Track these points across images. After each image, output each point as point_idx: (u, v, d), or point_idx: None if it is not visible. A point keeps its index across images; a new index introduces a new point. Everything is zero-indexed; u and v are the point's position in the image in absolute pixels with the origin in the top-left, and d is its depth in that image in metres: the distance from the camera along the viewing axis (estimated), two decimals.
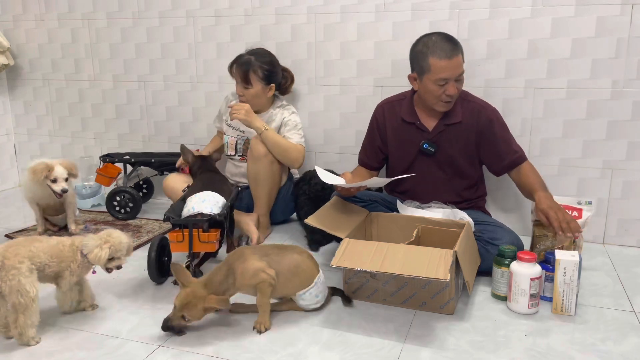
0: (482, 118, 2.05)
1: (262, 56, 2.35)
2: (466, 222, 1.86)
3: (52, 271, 1.58)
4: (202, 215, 1.80)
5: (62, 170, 2.21)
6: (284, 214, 2.51)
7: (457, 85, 1.96)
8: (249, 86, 2.32)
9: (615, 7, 2.10)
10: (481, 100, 2.10)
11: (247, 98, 2.34)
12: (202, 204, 1.83)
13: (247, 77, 2.31)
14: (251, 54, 2.34)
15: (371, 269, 1.60)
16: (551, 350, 1.48)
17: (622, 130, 2.20)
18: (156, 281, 1.90)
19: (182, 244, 1.78)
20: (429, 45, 1.95)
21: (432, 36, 1.97)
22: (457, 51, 1.93)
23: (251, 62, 2.31)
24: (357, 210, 2.05)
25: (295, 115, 2.40)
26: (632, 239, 2.28)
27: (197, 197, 1.88)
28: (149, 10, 2.78)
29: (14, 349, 1.50)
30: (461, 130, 2.06)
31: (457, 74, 1.94)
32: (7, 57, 3.06)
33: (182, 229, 1.78)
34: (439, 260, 1.58)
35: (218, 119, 2.61)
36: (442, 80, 1.93)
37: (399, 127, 2.14)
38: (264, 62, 2.33)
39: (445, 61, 1.91)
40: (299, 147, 2.32)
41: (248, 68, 2.30)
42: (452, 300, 1.67)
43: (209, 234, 1.79)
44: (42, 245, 1.56)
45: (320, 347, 1.50)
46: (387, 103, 2.21)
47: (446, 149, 2.08)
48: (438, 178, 2.12)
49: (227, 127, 2.51)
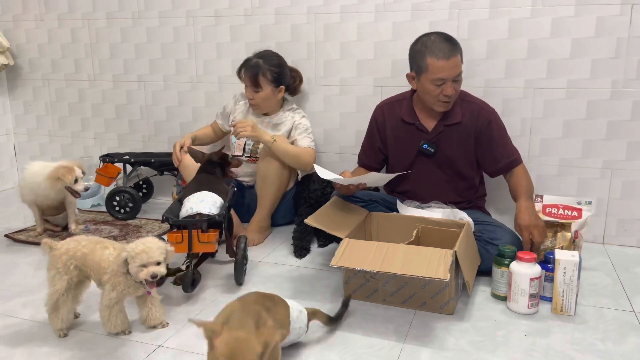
0: (480, 119, 2.05)
1: (271, 58, 2.35)
2: (466, 222, 1.86)
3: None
4: (200, 215, 1.79)
5: (79, 171, 2.30)
6: (285, 218, 2.51)
7: (454, 85, 1.96)
8: (259, 89, 2.32)
9: (615, 7, 2.10)
10: (481, 101, 2.10)
11: (257, 101, 2.35)
12: (200, 204, 1.82)
13: (256, 81, 2.30)
14: (259, 57, 2.33)
15: (371, 269, 1.60)
16: (551, 350, 1.48)
17: (622, 130, 2.20)
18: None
19: (182, 244, 1.76)
20: (428, 45, 1.95)
21: (432, 36, 1.97)
22: (455, 52, 1.93)
23: (260, 65, 2.31)
24: (357, 210, 2.05)
25: (305, 119, 2.42)
26: (631, 239, 2.28)
27: (194, 197, 1.86)
28: (149, 10, 2.78)
29: (14, 349, 1.50)
30: (460, 130, 2.06)
31: (454, 75, 1.94)
32: (7, 57, 3.06)
33: (181, 229, 1.76)
34: (439, 260, 1.58)
35: (222, 116, 2.58)
36: (440, 80, 1.93)
37: (399, 128, 2.14)
38: (272, 65, 2.33)
39: (442, 61, 1.91)
40: (309, 151, 2.34)
41: (257, 71, 2.30)
42: (452, 300, 1.67)
43: (208, 235, 1.77)
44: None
45: (320, 347, 1.50)
46: (387, 104, 2.21)
47: (446, 149, 2.08)
48: (438, 178, 2.12)
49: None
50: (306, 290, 1.87)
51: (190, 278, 1.79)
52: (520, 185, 2.00)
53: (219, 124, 2.60)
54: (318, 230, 2.21)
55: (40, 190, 2.27)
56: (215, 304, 1.77)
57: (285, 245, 2.28)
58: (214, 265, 2.08)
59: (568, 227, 1.92)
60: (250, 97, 2.36)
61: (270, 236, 2.41)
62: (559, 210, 1.96)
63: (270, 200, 2.35)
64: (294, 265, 2.09)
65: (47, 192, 2.27)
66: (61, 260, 1.53)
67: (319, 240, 2.29)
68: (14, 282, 1.94)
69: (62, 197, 2.34)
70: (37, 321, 1.66)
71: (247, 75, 2.32)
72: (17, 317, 1.69)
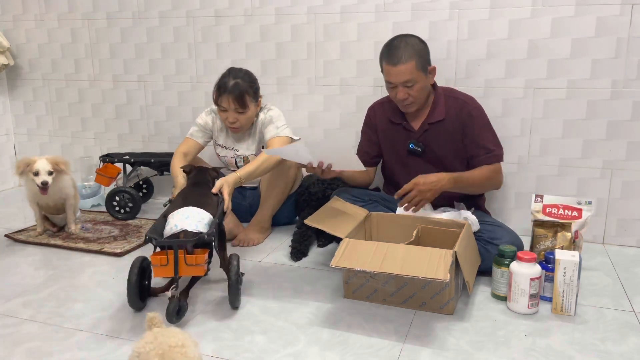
0: (463, 113, 2.04)
1: (247, 75, 2.25)
2: (466, 223, 1.86)
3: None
4: (185, 233, 1.61)
5: (45, 164, 2.21)
6: (287, 219, 2.51)
7: (408, 91, 1.96)
8: (245, 110, 2.22)
9: (615, 7, 2.10)
10: (466, 96, 2.09)
11: (241, 122, 2.25)
12: (185, 220, 1.65)
13: (243, 102, 2.20)
14: (234, 77, 2.20)
15: (371, 269, 1.60)
16: (551, 350, 1.48)
17: (622, 130, 2.20)
18: (135, 307, 1.68)
19: (167, 267, 1.57)
20: (385, 48, 2.00)
21: (395, 39, 1.99)
22: (403, 59, 1.91)
23: (240, 85, 2.18)
24: (357, 210, 2.05)
25: (270, 111, 2.31)
26: (631, 239, 2.28)
27: (179, 213, 1.69)
28: (149, 10, 2.78)
29: (14, 349, 1.50)
30: (446, 127, 2.05)
31: (401, 81, 1.94)
32: (7, 57, 3.06)
33: (167, 250, 1.58)
34: (439, 260, 1.58)
35: (202, 132, 2.39)
36: (389, 83, 1.99)
37: (388, 129, 2.16)
38: (251, 81, 2.24)
39: (389, 67, 1.95)
40: (273, 145, 2.20)
41: (243, 92, 2.19)
42: (452, 300, 1.67)
43: (196, 256, 1.58)
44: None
45: (320, 347, 1.50)
46: (378, 104, 2.22)
47: (433, 147, 2.08)
48: None
49: (221, 148, 2.44)
50: (306, 290, 1.87)
51: (176, 306, 1.58)
52: (471, 171, 2.00)
53: (200, 143, 2.39)
54: (319, 231, 2.21)
55: (32, 187, 2.26)
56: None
57: (285, 245, 2.28)
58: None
59: (568, 227, 1.92)
60: (234, 120, 2.23)
61: (270, 236, 2.41)
62: (559, 210, 1.96)
63: (274, 201, 2.35)
64: (294, 265, 2.09)
65: (31, 186, 2.25)
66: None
67: (319, 240, 2.29)
68: (14, 282, 1.94)
69: (60, 197, 2.34)
70: (37, 321, 1.66)
71: (231, 99, 2.18)
72: (17, 317, 1.68)
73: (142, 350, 1.11)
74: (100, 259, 2.16)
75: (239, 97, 2.18)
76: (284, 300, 1.79)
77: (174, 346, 1.11)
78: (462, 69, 2.33)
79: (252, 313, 1.69)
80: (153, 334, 1.14)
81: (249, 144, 2.40)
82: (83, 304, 1.77)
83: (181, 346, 1.11)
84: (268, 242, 2.35)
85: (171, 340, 1.12)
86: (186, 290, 1.73)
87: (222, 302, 1.76)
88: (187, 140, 2.38)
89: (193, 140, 2.38)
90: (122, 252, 2.19)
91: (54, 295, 1.83)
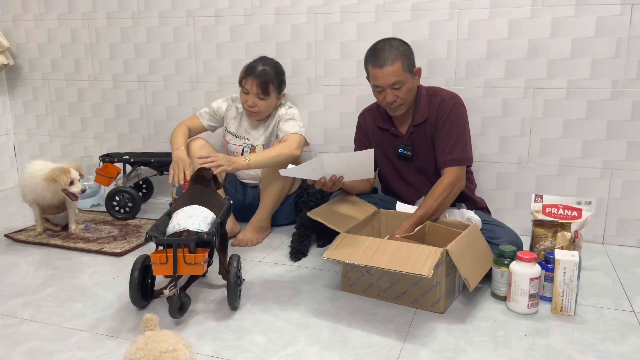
0: (441, 109, 1.99)
1: (276, 66, 2.33)
2: (471, 224, 1.85)
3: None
4: (188, 232, 1.60)
5: (76, 173, 2.30)
6: (287, 219, 2.51)
7: (396, 93, 1.94)
8: (267, 97, 2.29)
9: (615, 7, 2.10)
10: (448, 93, 2.04)
11: (259, 108, 2.31)
12: (188, 219, 1.64)
13: (266, 89, 2.26)
14: (264, 65, 2.28)
15: (359, 262, 1.63)
16: (551, 350, 1.48)
17: (622, 130, 2.20)
18: (137, 305, 1.70)
19: (166, 265, 1.58)
20: (369, 52, 1.97)
21: (379, 43, 1.96)
22: (389, 60, 1.89)
23: (268, 72, 2.27)
24: (363, 207, 2.05)
25: (292, 109, 2.40)
26: (631, 238, 2.28)
27: (183, 211, 1.68)
28: (149, 10, 2.78)
29: (14, 349, 1.50)
30: (428, 128, 2.02)
31: (389, 83, 1.92)
32: (7, 57, 3.06)
33: (167, 248, 1.58)
34: (427, 257, 1.59)
35: (210, 116, 2.48)
36: (377, 87, 1.96)
37: (378, 135, 2.14)
38: (278, 73, 2.32)
39: (376, 70, 1.92)
40: (291, 142, 2.24)
41: (268, 79, 2.26)
42: (443, 299, 1.67)
43: (195, 255, 1.58)
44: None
45: (320, 347, 1.50)
46: (367, 111, 2.20)
47: (421, 150, 2.06)
48: (421, 182, 2.09)
49: (231, 136, 2.48)
50: (306, 290, 1.87)
51: (178, 302, 1.59)
52: (425, 201, 1.90)
53: (204, 124, 2.47)
54: (318, 231, 2.22)
55: (39, 190, 2.27)
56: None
57: (285, 245, 2.28)
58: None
59: (568, 227, 1.92)
60: (253, 104, 2.29)
61: (270, 236, 2.41)
62: (559, 210, 1.96)
63: (272, 201, 2.35)
64: (294, 265, 2.09)
65: (44, 193, 2.28)
66: None
67: (319, 240, 2.29)
68: (14, 282, 1.94)
69: (62, 196, 2.35)
70: (37, 321, 1.66)
71: (256, 83, 2.24)
72: (17, 317, 1.69)
73: (132, 357, 1.11)
74: (100, 258, 2.16)
75: (263, 83, 2.25)
76: (284, 300, 1.79)
77: (164, 352, 1.11)
78: (462, 69, 2.33)
79: (252, 313, 1.70)
80: (144, 339, 1.14)
81: (260, 134, 2.42)
82: (83, 304, 1.77)
83: (172, 350, 1.12)
84: (267, 242, 2.35)
85: (162, 345, 1.12)
86: (184, 289, 1.74)
87: (222, 302, 1.76)
88: (194, 117, 2.49)
89: (198, 120, 2.48)
90: (122, 252, 2.19)
91: (54, 295, 1.83)
